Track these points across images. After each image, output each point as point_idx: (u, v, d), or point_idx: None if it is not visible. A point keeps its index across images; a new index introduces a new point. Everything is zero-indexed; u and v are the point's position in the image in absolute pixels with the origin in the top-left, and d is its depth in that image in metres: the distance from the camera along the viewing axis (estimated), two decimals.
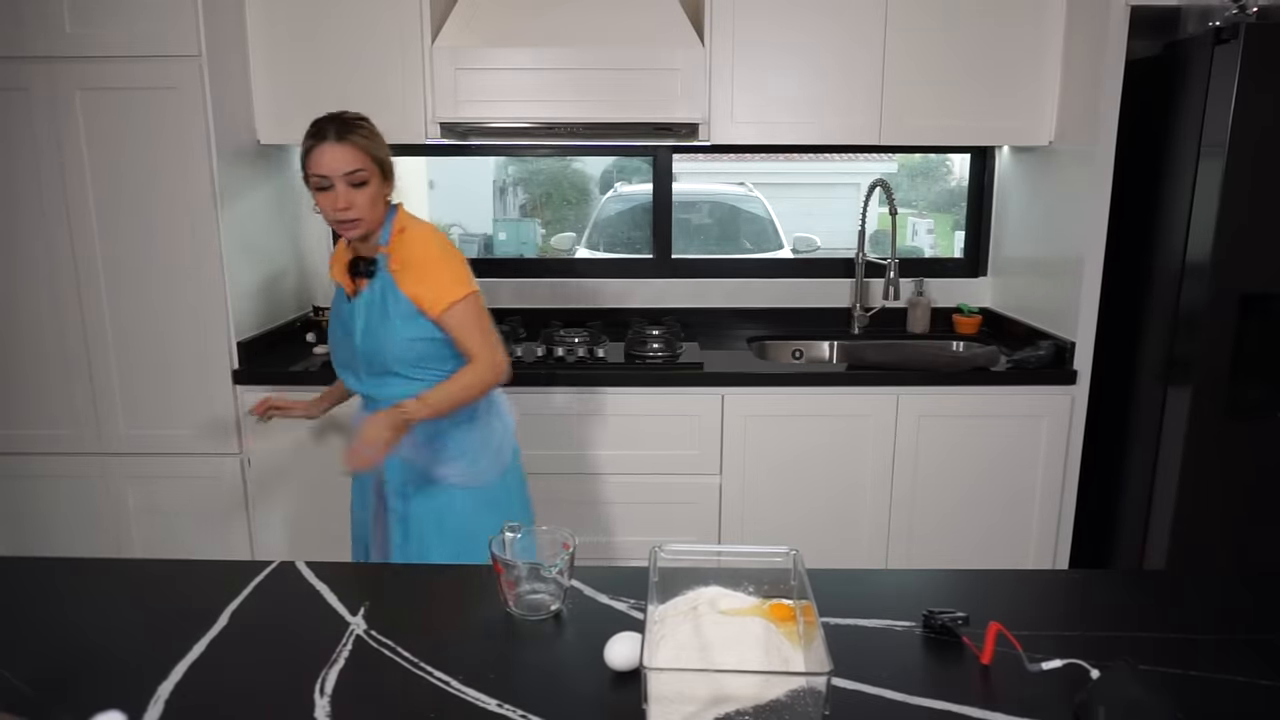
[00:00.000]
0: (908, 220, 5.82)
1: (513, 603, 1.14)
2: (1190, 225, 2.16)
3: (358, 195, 1.61)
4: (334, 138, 1.60)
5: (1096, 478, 2.50)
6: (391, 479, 1.72)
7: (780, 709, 0.90)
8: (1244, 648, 1.05)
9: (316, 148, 1.60)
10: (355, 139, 1.61)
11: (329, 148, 1.59)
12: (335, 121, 1.62)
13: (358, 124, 1.65)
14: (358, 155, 1.61)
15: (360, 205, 1.62)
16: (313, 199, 1.66)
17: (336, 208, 1.60)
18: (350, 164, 1.60)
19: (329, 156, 1.59)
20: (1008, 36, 2.42)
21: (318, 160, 1.60)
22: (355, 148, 1.61)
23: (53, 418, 2.40)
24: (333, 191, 1.60)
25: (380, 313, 1.66)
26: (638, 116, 2.40)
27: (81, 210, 2.28)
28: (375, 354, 1.67)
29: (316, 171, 1.60)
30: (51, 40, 2.18)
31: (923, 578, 1.27)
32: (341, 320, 1.72)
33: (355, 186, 1.61)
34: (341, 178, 1.59)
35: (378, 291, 1.67)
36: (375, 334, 1.66)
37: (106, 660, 1.04)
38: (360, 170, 1.61)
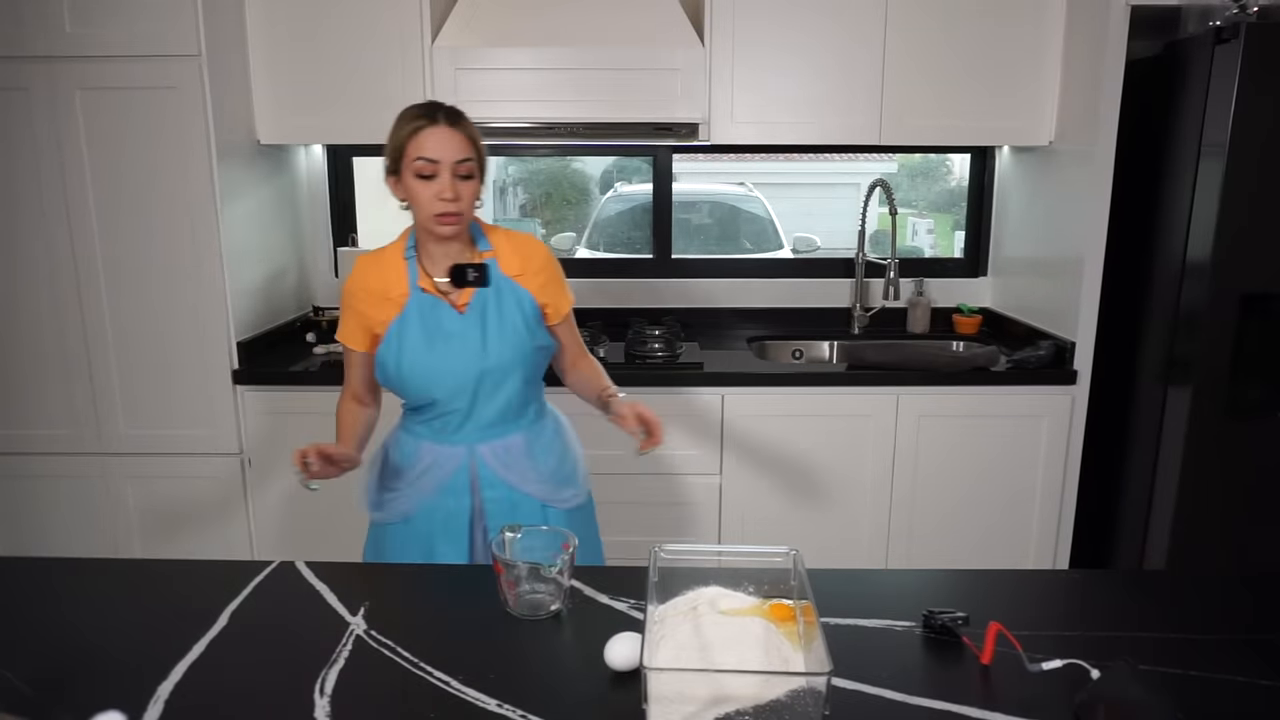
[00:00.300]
0: (908, 220, 5.81)
1: (513, 603, 1.14)
2: (1190, 225, 2.16)
3: (464, 188, 1.48)
4: (446, 121, 1.47)
5: (1096, 478, 2.50)
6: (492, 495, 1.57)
7: (780, 709, 0.90)
8: (1244, 648, 1.05)
9: (426, 129, 1.46)
10: (467, 127, 1.49)
11: (441, 131, 1.46)
12: (443, 106, 1.50)
13: (462, 112, 1.52)
14: (469, 144, 1.48)
15: (466, 199, 1.49)
16: (394, 191, 1.54)
17: (442, 196, 1.45)
18: (462, 151, 1.46)
19: (440, 140, 1.45)
20: (1008, 36, 2.42)
21: (425, 143, 1.45)
22: (467, 136, 1.48)
23: (53, 418, 2.40)
24: (436, 180, 1.46)
25: (509, 322, 1.54)
26: (638, 116, 2.40)
27: (81, 210, 2.28)
28: (504, 367, 1.54)
29: (423, 154, 1.45)
30: (51, 40, 2.18)
31: (923, 578, 1.27)
32: (445, 335, 1.53)
33: (462, 179, 1.47)
34: (451, 166, 1.46)
35: (500, 299, 1.54)
36: (506, 345, 1.53)
37: (106, 660, 1.04)
38: (470, 160, 1.48)
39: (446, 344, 1.53)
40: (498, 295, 1.55)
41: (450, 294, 1.55)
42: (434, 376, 1.53)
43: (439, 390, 1.54)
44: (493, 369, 1.53)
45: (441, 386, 1.53)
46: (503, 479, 1.56)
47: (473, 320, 1.53)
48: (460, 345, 1.53)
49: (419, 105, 1.50)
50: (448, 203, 1.46)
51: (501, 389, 1.55)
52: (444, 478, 1.56)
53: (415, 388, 1.55)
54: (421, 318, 1.54)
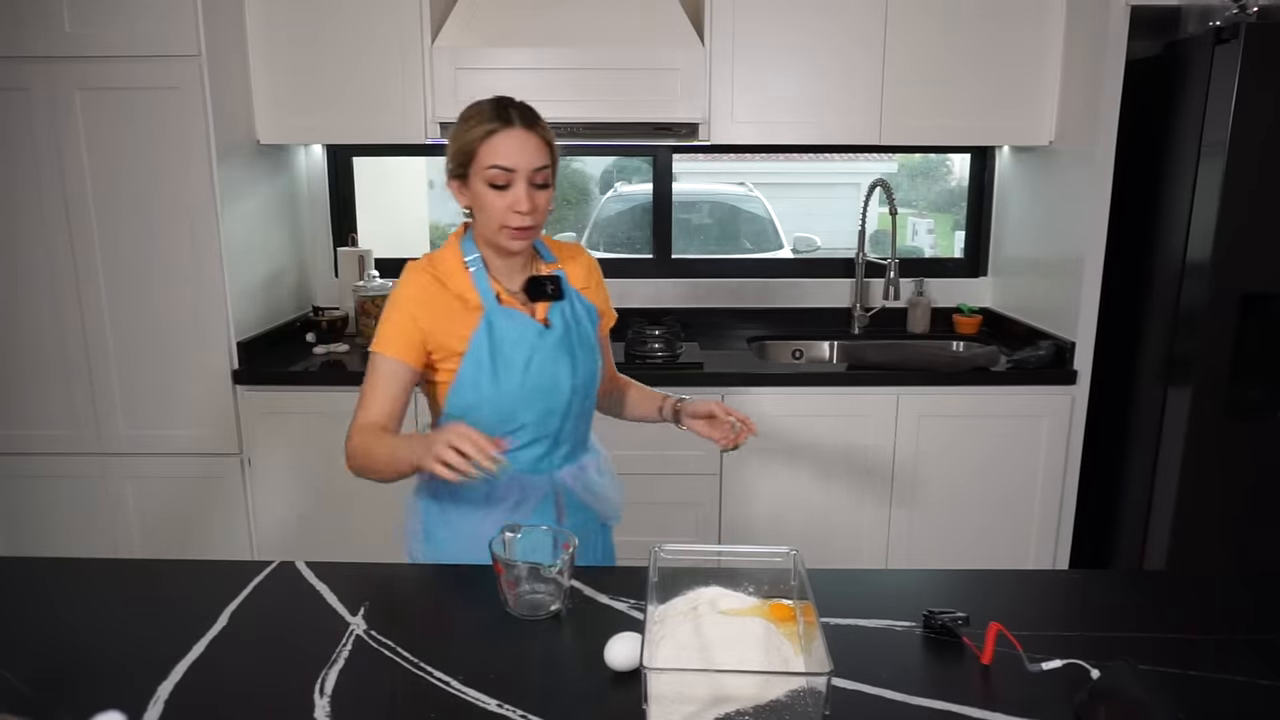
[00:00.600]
0: (908, 220, 5.81)
1: (513, 603, 1.14)
2: (1190, 225, 2.16)
3: (541, 198, 1.34)
4: (522, 123, 1.32)
5: (1096, 478, 2.50)
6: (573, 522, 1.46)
7: (780, 709, 0.90)
8: (1244, 648, 1.05)
9: (500, 133, 1.30)
10: (544, 129, 1.34)
11: (517, 135, 1.30)
12: (516, 105, 1.34)
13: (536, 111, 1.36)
14: (545, 149, 1.34)
15: (540, 208, 1.34)
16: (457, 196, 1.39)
17: (517, 209, 1.31)
18: (539, 158, 1.32)
19: (516, 146, 1.30)
20: (1008, 36, 2.42)
21: (499, 149, 1.30)
22: (544, 140, 1.34)
23: (52, 418, 2.40)
24: (511, 191, 1.31)
25: (586, 336, 1.44)
26: (638, 116, 2.40)
27: (81, 210, 2.28)
28: (589, 384, 1.45)
29: (498, 162, 1.30)
30: (51, 40, 2.18)
31: (923, 578, 1.27)
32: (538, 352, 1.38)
33: (538, 188, 1.33)
34: (527, 174, 1.31)
35: (574, 312, 1.44)
36: (591, 360, 1.45)
37: (106, 660, 1.04)
38: (547, 168, 1.34)
39: (541, 361, 1.39)
40: (571, 308, 1.44)
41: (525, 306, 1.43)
42: (531, 396, 1.38)
43: (532, 412, 1.39)
44: (581, 385, 1.43)
45: (534, 408, 1.39)
46: (583, 502, 1.47)
47: (559, 332, 1.41)
48: (554, 362, 1.40)
49: (489, 103, 1.35)
50: (523, 216, 1.31)
51: (586, 407, 1.47)
52: (525, 516, 1.39)
53: (505, 411, 1.38)
54: (511, 333, 1.38)
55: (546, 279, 1.44)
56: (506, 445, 1.25)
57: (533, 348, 1.38)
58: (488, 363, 1.36)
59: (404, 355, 1.37)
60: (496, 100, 1.35)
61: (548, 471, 1.43)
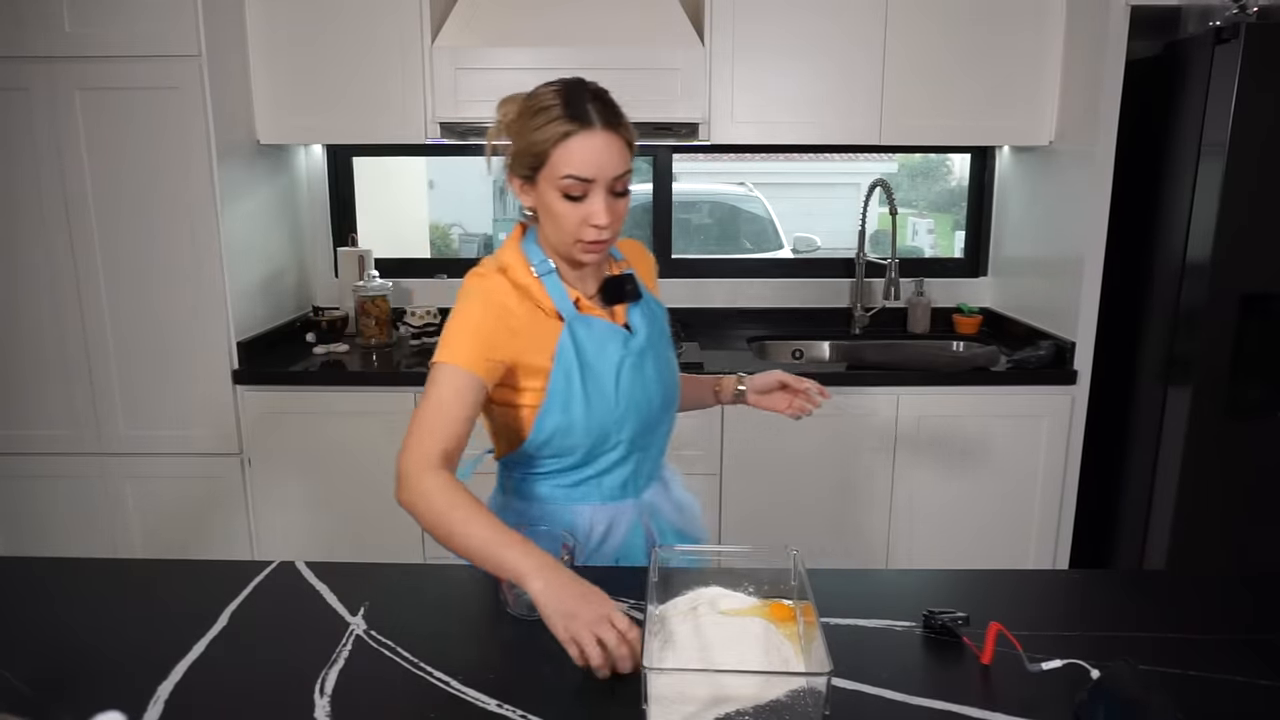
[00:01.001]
0: (908, 220, 5.81)
1: (513, 603, 1.14)
2: (1190, 225, 2.16)
3: (620, 206, 1.17)
4: (603, 124, 1.13)
5: (1096, 478, 2.50)
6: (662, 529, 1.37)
7: (780, 709, 0.90)
8: (1244, 648, 1.05)
9: (577, 136, 1.12)
10: (626, 130, 1.16)
11: (599, 139, 1.12)
12: (595, 98, 1.15)
13: (616, 105, 1.17)
14: (627, 151, 1.16)
15: (620, 216, 1.18)
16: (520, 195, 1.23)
17: (595, 222, 1.15)
18: (621, 163, 1.15)
19: (596, 152, 1.12)
20: (1008, 37, 2.42)
21: (576, 155, 1.12)
22: (625, 141, 1.16)
23: (52, 418, 2.40)
24: (588, 201, 1.14)
25: (666, 339, 1.34)
26: (638, 116, 2.36)
27: (81, 210, 2.28)
28: (676, 392, 1.33)
29: (573, 172, 1.13)
30: (51, 40, 2.18)
31: (923, 578, 1.27)
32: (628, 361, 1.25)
33: (618, 195, 1.17)
34: (607, 183, 1.14)
35: (651, 314, 1.32)
36: (674, 366, 1.34)
37: (106, 660, 1.04)
38: (628, 173, 1.17)
39: (631, 371, 1.25)
40: (648, 310, 1.31)
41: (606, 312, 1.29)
42: (626, 411, 1.24)
43: (627, 428, 1.25)
44: (669, 393, 1.31)
45: (629, 424, 1.25)
46: (673, 524, 1.36)
47: (644, 340, 1.28)
48: (642, 370, 1.27)
49: (563, 93, 1.14)
50: (600, 230, 1.16)
51: (674, 418, 1.34)
52: (616, 546, 1.29)
53: (599, 431, 1.24)
54: (597, 342, 1.24)
55: (624, 279, 1.29)
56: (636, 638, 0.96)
57: (621, 357, 1.24)
58: (577, 379, 1.21)
59: (479, 368, 1.17)
60: (571, 89, 1.14)
61: (635, 495, 1.31)
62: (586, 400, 1.22)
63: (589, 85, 1.17)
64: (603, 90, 1.18)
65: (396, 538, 2.47)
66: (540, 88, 1.18)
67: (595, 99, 1.15)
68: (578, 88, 1.15)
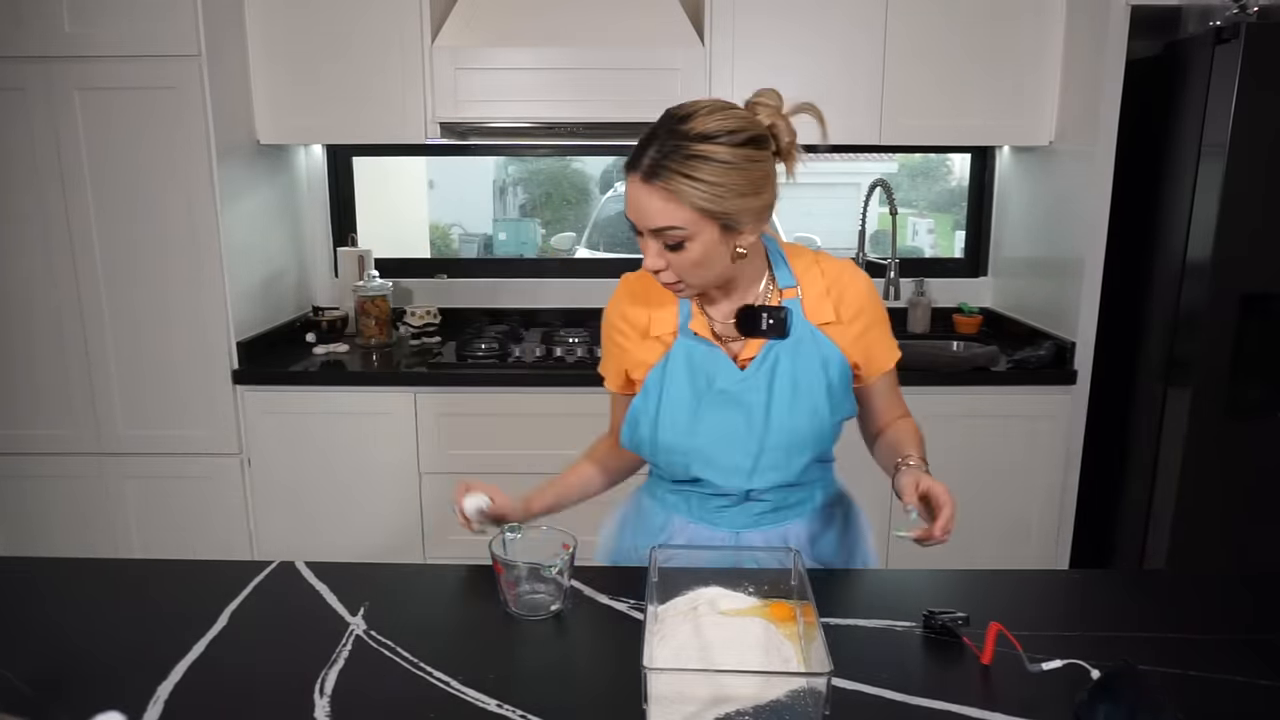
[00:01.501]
0: (908, 220, 5.81)
1: (513, 603, 1.14)
2: (1190, 225, 2.16)
3: (675, 258, 1.10)
4: (643, 174, 1.06)
5: (1096, 478, 2.50)
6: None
7: (780, 709, 0.90)
8: (1244, 648, 1.05)
9: (627, 175, 1.10)
10: (677, 183, 1.04)
11: (635, 188, 1.08)
12: (664, 144, 1.06)
13: (692, 153, 1.04)
14: (675, 210, 1.06)
15: (680, 269, 1.11)
16: None
17: (645, 265, 1.13)
18: (660, 219, 1.07)
19: (633, 198, 1.09)
20: (1008, 36, 2.42)
21: (627, 195, 1.11)
22: (672, 199, 1.05)
23: (52, 418, 2.40)
24: (643, 239, 1.12)
25: (806, 386, 1.19)
26: (638, 116, 2.40)
27: (80, 210, 2.28)
28: (792, 444, 1.19)
29: (625, 209, 1.12)
30: (50, 40, 2.18)
31: (923, 578, 1.27)
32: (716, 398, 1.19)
33: (671, 248, 1.09)
34: (649, 233, 1.10)
35: (798, 355, 1.19)
36: (799, 416, 1.18)
37: (106, 660, 1.03)
38: (674, 230, 1.07)
39: (717, 410, 1.19)
40: (796, 349, 1.18)
41: (732, 342, 1.21)
42: (697, 451, 1.20)
43: (702, 468, 1.21)
44: (775, 446, 1.19)
45: (706, 464, 1.20)
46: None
47: (757, 381, 1.18)
48: (734, 413, 1.18)
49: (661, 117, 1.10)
50: (651, 272, 1.13)
51: (785, 470, 1.20)
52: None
53: (670, 462, 1.23)
54: (690, 371, 1.19)
55: (766, 310, 1.18)
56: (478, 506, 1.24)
57: (712, 394, 1.18)
58: (654, 404, 1.20)
59: (614, 383, 1.31)
60: (655, 126, 1.09)
61: (729, 529, 1.26)
62: (655, 429, 1.21)
63: (677, 125, 1.07)
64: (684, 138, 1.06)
65: (396, 538, 2.47)
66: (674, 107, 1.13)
67: (661, 145, 1.06)
68: (664, 123, 1.09)
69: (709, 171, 1.05)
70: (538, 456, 2.39)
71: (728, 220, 1.08)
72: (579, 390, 2.37)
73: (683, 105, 1.10)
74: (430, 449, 2.40)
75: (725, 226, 1.09)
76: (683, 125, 1.07)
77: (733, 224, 1.09)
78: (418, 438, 2.39)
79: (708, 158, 1.05)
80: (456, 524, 1.26)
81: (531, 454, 2.39)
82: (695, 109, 1.09)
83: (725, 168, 1.05)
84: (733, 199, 1.06)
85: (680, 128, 1.07)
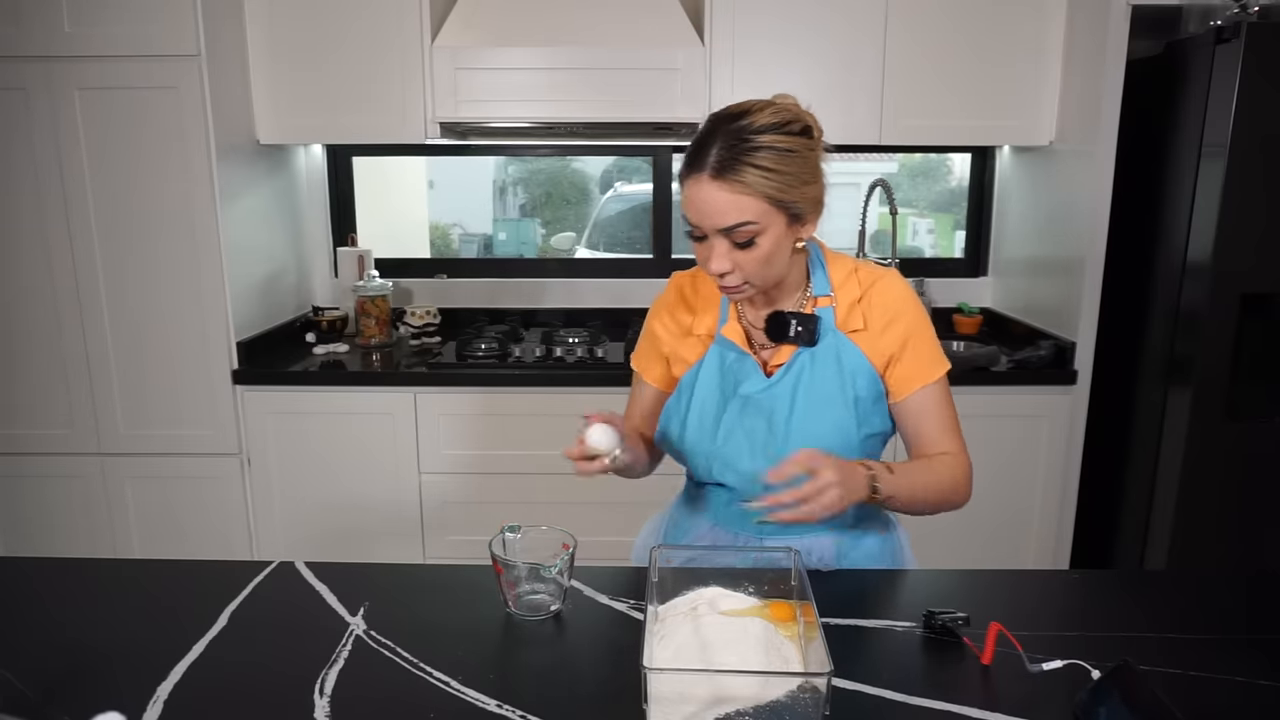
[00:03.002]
0: (908, 220, 5.80)
1: (513, 603, 1.14)
2: (1191, 225, 2.16)
3: (744, 256, 1.09)
4: (714, 173, 1.06)
5: (1096, 478, 2.50)
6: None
7: (780, 709, 0.90)
8: (1244, 648, 1.05)
9: (688, 179, 1.08)
10: (749, 175, 1.05)
11: (704, 188, 1.07)
12: (728, 140, 1.06)
13: (756, 145, 1.06)
14: (748, 203, 1.06)
15: (748, 269, 1.11)
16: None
17: (710, 270, 1.11)
18: (733, 215, 1.06)
19: (700, 199, 1.07)
20: (1008, 36, 2.42)
21: (688, 197, 1.09)
22: (746, 191, 1.05)
23: (53, 418, 2.40)
24: (706, 243, 1.11)
25: (828, 397, 1.18)
26: (638, 116, 2.40)
27: (81, 210, 2.28)
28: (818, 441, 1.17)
29: (685, 213, 1.10)
30: (50, 40, 2.18)
31: (923, 578, 1.27)
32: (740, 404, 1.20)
33: (740, 246, 1.09)
34: (718, 234, 1.09)
35: (822, 364, 1.18)
36: (821, 427, 1.18)
37: (106, 660, 1.03)
38: (749, 225, 1.07)
39: (741, 416, 1.19)
40: (822, 359, 1.17)
41: (765, 349, 1.21)
42: (719, 455, 1.21)
43: (723, 471, 1.22)
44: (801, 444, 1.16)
45: (727, 468, 1.21)
46: None
47: (781, 389, 1.17)
48: (757, 420, 1.18)
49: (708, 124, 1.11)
50: (719, 278, 1.12)
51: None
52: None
53: (695, 464, 1.24)
54: (721, 375, 1.20)
55: (795, 317, 1.17)
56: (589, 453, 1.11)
57: (737, 400, 1.19)
58: (684, 403, 1.22)
59: (649, 374, 1.31)
60: (713, 124, 1.10)
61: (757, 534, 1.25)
62: (683, 429, 1.23)
63: (733, 124, 1.08)
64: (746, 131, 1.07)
65: (396, 538, 2.47)
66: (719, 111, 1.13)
67: (724, 141, 1.06)
68: (718, 124, 1.09)
69: (776, 160, 1.07)
70: (538, 457, 2.39)
71: (794, 209, 1.10)
72: (579, 390, 2.37)
73: (729, 107, 1.13)
74: (430, 449, 2.40)
75: (792, 216, 1.10)
76: (740, 121, 1.09)
77: (799, 212, 1.11)
78: (418, 438, 2.39)
79: (772, 147, 1.07)
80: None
81: (531, 454, 2.39)
82: (747, 107, 1.11)
83: (790, 156, 1.08)
84: (798, 186, 1.09)
85: (738, 124, 1.08)
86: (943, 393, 1.21)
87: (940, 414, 1.21)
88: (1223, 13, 2.09)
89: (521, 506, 2.38)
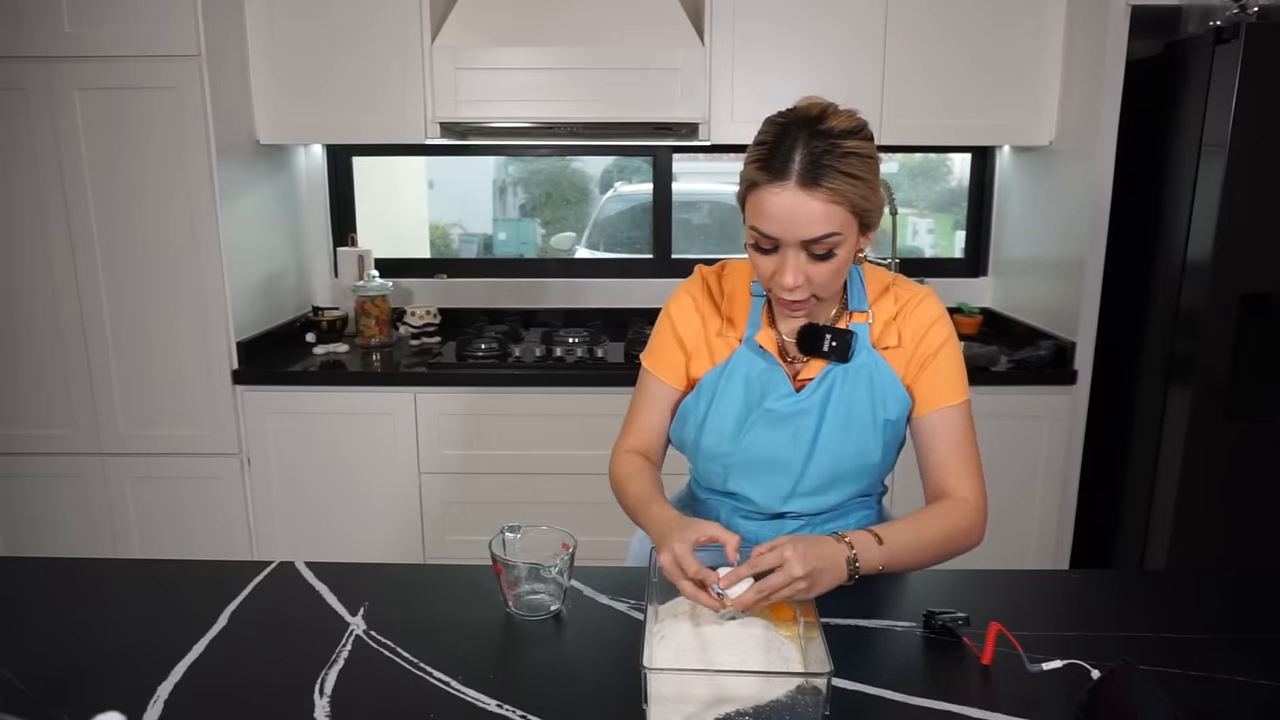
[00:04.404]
0: (908, 220, 5.80)
1: (513, 603, 1.14)
2: (1191, 225, 2.16)
3: (818, 269, 1.04)
4: (801, 182, 0.99)
5: (1096, 478, 2.50)
6: None
7: (780, 709, 0.90)
8: (1244, 648, 1.05)
9: (765, 188, 1.01)
10: (840, 183, 0.99)
11: (789, 198, 1.00)
12: (810, 146, 1.00)
13: (845, 150, 1.01)
14: (837, 212, 1.01)
15: (820, 281, 1.05)
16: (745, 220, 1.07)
17: (783, 284, 1.04)
18: (820, 227, 1.01)
19: (784, 211, 1.00)
20: (1008, 36, 2.42)
21: (764, 208, 1.02)
22: (836, 199, 1.00)
23: (52, 418, 2.40)
24: (776, 257, 1.05)
25: (858, 415, 1.15)
26: (638, 116, 2.40)
27: (80, 210, 2.28)
28: (836, 476, 1.16)
29: (758, 224, 1.03)
30: (50, 40, 2.18)
31: (923, 578, 1.27)
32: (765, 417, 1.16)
33: (818, 258, 1.03)
34: (797, 245, 1.03)
35: (854, 381, 1.15)
36: (846, 446, 1.15)
37: (106, 660, 1.03)
38: (834, 236, 1.02)
39: (764, 428, 1.15)
40: (855, 377, 1.14)
41: (795, 361, 1.17)
42: (736, 464, 1.18)
43: (738, 482, 1.19)
44: (816, 474, 1.15)
45: (743, 479, 1.18)
46: None
47: (810, 405, 1.14)
48: (781, 434, 1.15)
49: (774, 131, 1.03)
50: (789, 290, 1.05)
51: (823, 499, 1.17)
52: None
53: (709, 470, 1.21)
54: (746, 382, 1.16)
55: (829, 331, 1.13)
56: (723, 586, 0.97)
57: (761, 412, 1.15)
58: (705, 405, 1.18)
59: (667, 375, 1.23)
60: (786, 130, 1.02)
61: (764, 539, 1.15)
62: (700, 434, 1.19)
63: (815, 127, 1.01)
64: (830, 137, 1.01)
65: (396, 538, 2.47)
66: (774, 116, 1.07)
67: (807, 148, 1.00)
68: (794, 129, 1.02)
69: (861, 168, 1.02)
70: (538, 457, 2.39)
71: (868, 218, 1.05)
72: (579, 390, 2.37)
73: (802, 107, 1.06)
74: (430, 449, 2.40)
75: (865, 225, 1.06)
76: (823, 125, 1.02)
77: (870, 221, 1.06)
78: (418, 438, 2.39)
79: (857, 153, 1.02)
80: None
81: (531, 454, 2.40)
82: (824, 107, 1.05)
83: (870, 163, 1.03)
84: (875, 194, 1.05)
85: (822, 127, 1.02)
86: (963, 418, 1.17)
87: (956, 441, 1.16)
88: (1222, 13, 2.09)
89: (521, 506, 2.38)
